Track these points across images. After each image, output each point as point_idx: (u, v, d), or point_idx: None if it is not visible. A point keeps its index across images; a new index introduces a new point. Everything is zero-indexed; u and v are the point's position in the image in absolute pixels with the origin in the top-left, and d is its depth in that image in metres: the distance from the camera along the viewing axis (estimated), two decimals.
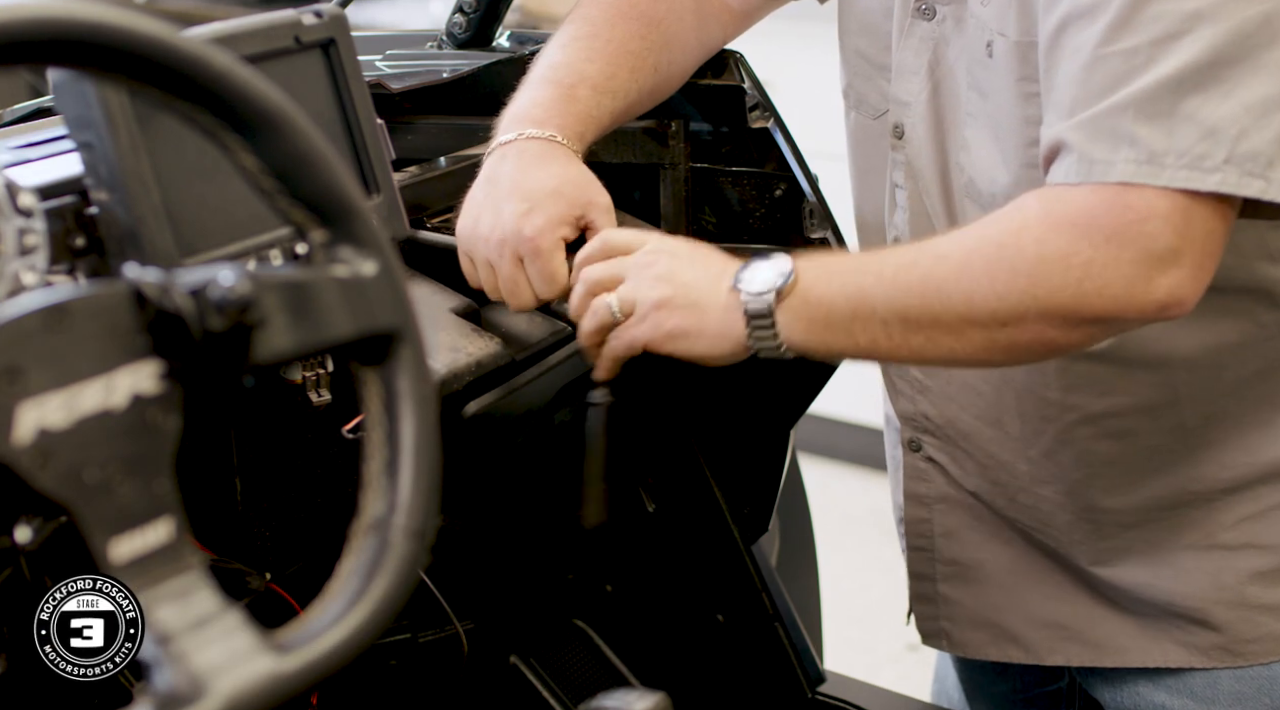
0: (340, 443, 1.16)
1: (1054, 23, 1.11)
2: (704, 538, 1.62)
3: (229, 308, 0.74)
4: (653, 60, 1.38)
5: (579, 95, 1.30)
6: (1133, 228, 1.06)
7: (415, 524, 0.80)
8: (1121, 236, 1.06)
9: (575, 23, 1.38)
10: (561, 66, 1.33)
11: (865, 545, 3.33)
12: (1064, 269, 1.07)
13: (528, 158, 1.25)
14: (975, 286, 1.09)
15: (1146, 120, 1.06)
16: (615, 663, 1.69)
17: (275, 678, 0.72)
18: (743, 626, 1.64)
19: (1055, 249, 1.07)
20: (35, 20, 0.72)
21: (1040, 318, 1.09)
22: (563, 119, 1.28)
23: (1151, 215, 1.06)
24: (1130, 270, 1.06)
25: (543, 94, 1.30)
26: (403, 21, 3.76)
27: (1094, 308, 1.08)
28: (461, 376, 1.22)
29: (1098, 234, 1.06)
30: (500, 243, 1.21)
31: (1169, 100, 1.06)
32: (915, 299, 1.11)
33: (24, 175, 1.01)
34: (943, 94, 1.29)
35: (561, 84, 1.31)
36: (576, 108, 1.29)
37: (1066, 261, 1.07)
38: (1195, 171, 1.05)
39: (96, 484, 0.72)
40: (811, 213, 1.48)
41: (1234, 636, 1.32)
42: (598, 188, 1.25)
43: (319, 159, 0.82)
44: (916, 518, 1.47)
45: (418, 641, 1.50)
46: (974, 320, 1.11)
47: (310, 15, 1.17)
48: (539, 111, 1.28)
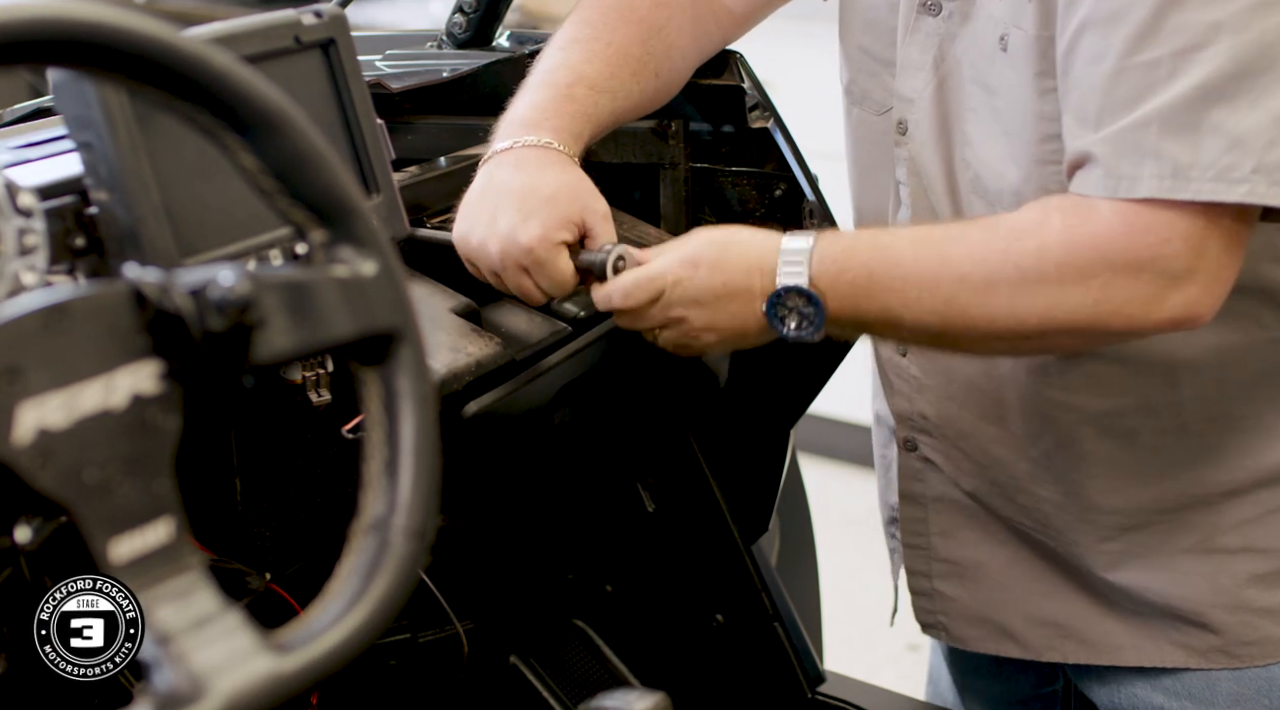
0: (340, 443, 1.16)
1: (1075, 24, 1.11)
2: (704, 538, 1.61)
3: (229, 308, 0.74)
4: (654, 66, 1.38)
5: (576, 94, 1.30)
6: (1152, 250, 1.08)
7: (415, 524, 0.80)
8: (1140, 259, 1.08)
9: (574, 25, 1.38)
10: (559, 68, 1.33)
11: (865, 545, 3.33)
12: (1083, 291, 1.09)
13: (523, 166, 1.25)
14: (997, 309, 1.12)
15: (1172, 134, 1.06)
16: (615, 663, 1.69)
17: (275, 678, 0.72)
18: (743, 626, 1.64)
19: (1075, 271, 1.09)
20: (35, 20, 0.72)
21: (1059, 333, 1.13)
22: (558, 121, 1.28)
23: (1172, 236, 1.07)
24: (1147, 290, 1.08)
25: (539, 97, 1.30)
26: (403, 21, 3.76)
27: (1110, 325, 1.11)
28: (461, 376, 1.22)
29: (1117, 257, 1.08)
30: (501, 254, 1.21)
31: (1194, 113, 1.06)
32: (938, 319, 1.14)
33: (24, 175, 1.01)
34: (948, 89, 1.29)
35: (558, 85, 1.31)
36: (572, 107, 1.29)
37: (1085, 284, 1.09)
38: (1222, 183, 1.06)
39: (96, 484, 0.72)
40: (811, 212, 1.48)
41: (1232, 639, 1.32)
42: (594, 193, 1.25)
43: (319, 159, 0.82)
44: (912, 517, 1.48)
45: (418, 641, 1.50)
46: (996, 335, 1.15)
47: (310, 15, 1.17)
48: (535, 114, 1.28)
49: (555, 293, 1.23)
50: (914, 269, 1.15)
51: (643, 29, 1.38)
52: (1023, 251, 1.11)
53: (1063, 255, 1.10)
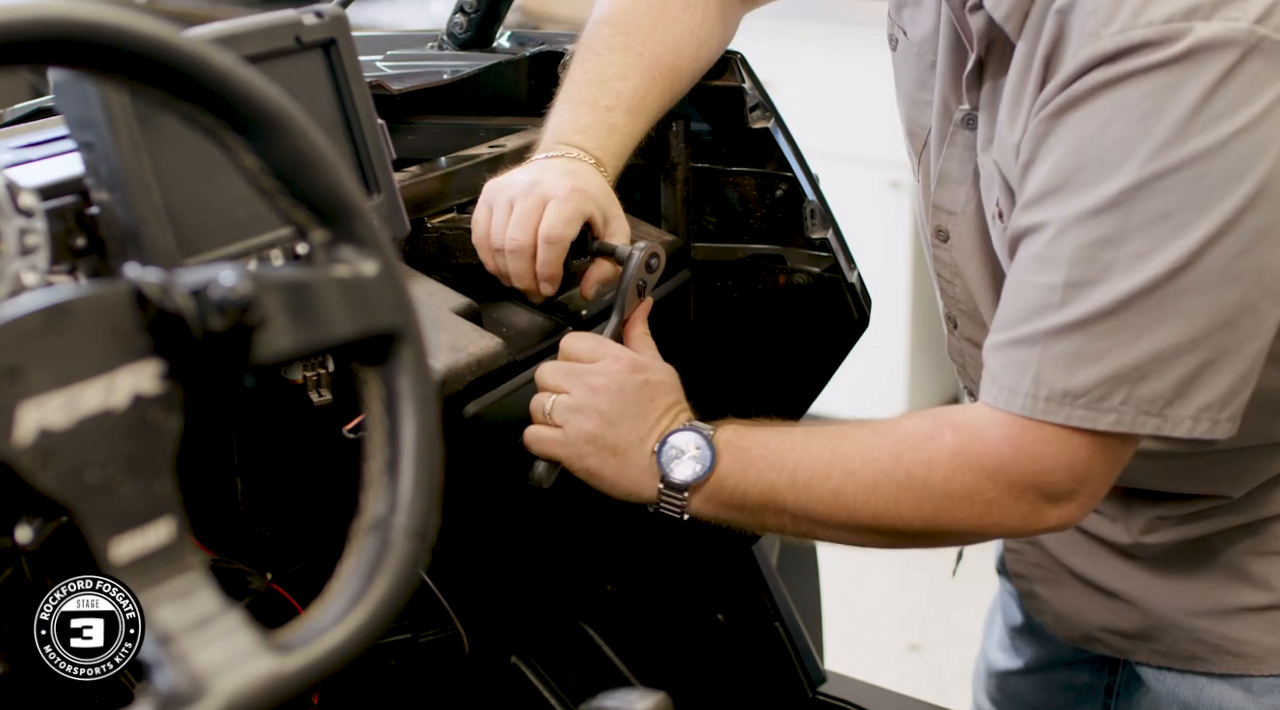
0: (341, 443, 1.16)
1: (1013, 231, 1.14)
2: (704, 538, 1.61)
3: (230, 308, 0.74)
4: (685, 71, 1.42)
5: (616, 124, 1.34)
6: (1036, 478, 1.12)
7: (416, 524, 0.80)
8: (1025, 482, 1.12)
9: (609, 28, 1.40)
10: (595, 85, 1.36)
11: None
12: (968, 506, 1.14)
13: (576, 165, 1.29)
14: (882, 507, 1.16)
15: (1052, 358, 1.09)
16: (616, 663, 1.69)
17: (276, 678, 0.72)
18: (743, 626, 1.64)
19: (961, 487, 1.13)
20: (36, 20, 0.72)
21: (939, 536, 1.19)
22: (603, 152, 1.32)
23: (1056, 465, 1.12)
24: (1028, 508, 1.13)
25: (584, 120, 1.34)
26: (403, 22, 3.76)
27: (990, 533, 1.20)
28: (462, 376, 1.22)
29: (1002, 479, 1.13)
30: (532, 183, 1.25)
31: (1076, 341, 1.09)
32: (824, 507, 1.18)
33: (25, 175, 1.01)
34: None
35: (597, 107, 1.34)
36: (614, 140, 1.34)
37: (970, 500, 1.13)
38: (1092, 411, 1.09)
39: (97, 484, 0.72)
40: (812, 213, 1.48)
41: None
42: (617, 205, 1.31)
43: (320, 159, 0.82)
44: None
45: (418, 641, 1.50)
46: (878, 531, 1.19)
47: (311, 15, 1.17)
48: (580, 138, 1.32)
49: (545, 281, 1.26)
50: (806, 454, 1.19)
51: (675, 34, 1.40)
52: (913, 460, 1.15)
53: (950, 472, 1.14)
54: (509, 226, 1.25)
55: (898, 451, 1.16)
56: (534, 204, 1.24)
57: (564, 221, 1.24)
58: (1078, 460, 1.11)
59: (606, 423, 1.21)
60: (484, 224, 1.27)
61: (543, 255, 1.24)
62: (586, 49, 1.39)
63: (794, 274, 1.50)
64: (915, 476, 1.15)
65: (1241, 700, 1.35)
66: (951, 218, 1.31)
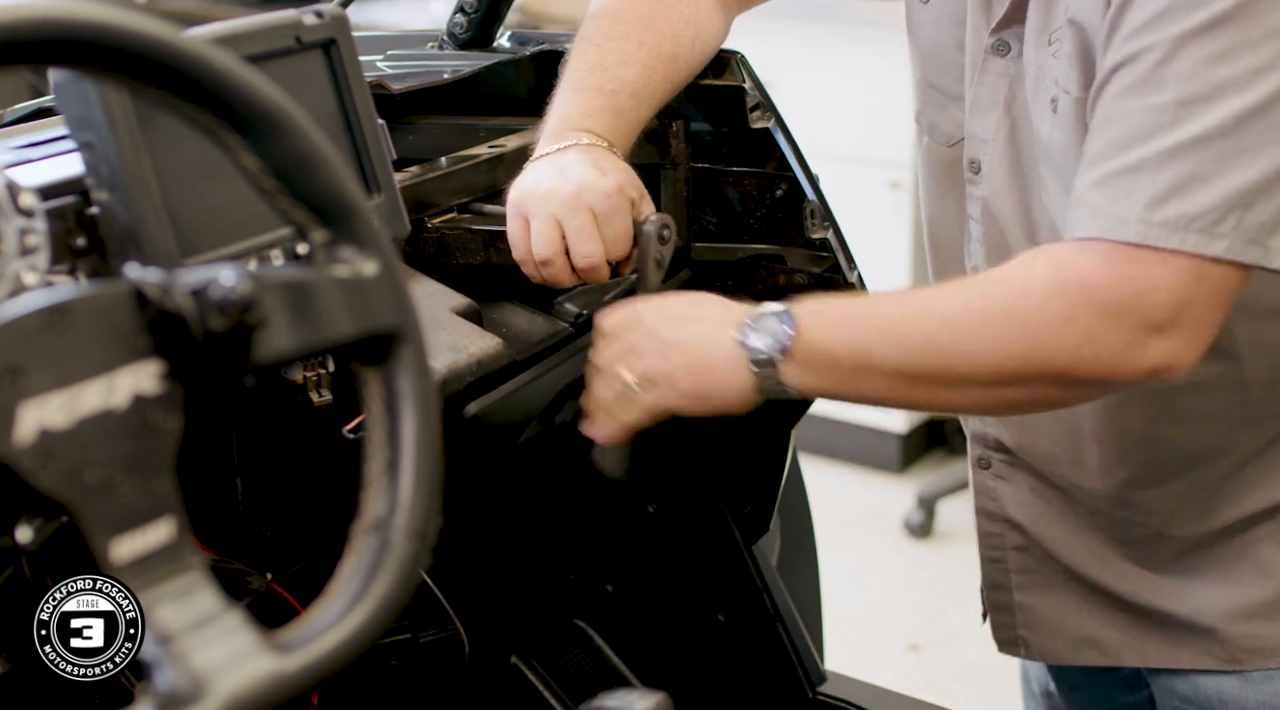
0: (341, 443, 1.16)
1: (1101, 74, 1.11)
2: (704, 538, 1.62)
3: (230, 308, 0.74)
4: (685, 59, 1.40)
5: (623, 107, 1.33)
6: (1135, 299, 1.08)
7: (416, 524, 0.80)
8: (1122, 306, 1.08)
9: (608, 20, 1.39)
10: (598, 71, 1.35)
11: (865, 545, 3.33)
12: (1062, 334, 1.09)
13: (593, 153, 1.28)
14: (978, 351, 1.12)
15: (1167, 180, 1.06)
16: (616, 663, 1.69)
17: (276, 678, 0.72)
18: (743, 626, 1.64)
19: (1056, 313, 1.09)
20: (36, 20, 0.72)
21: (1038, 378, 1.12)
22: (613, 135, 1.31)
23: (1156, 286, 1.07)
24: (1127, 337, 1.08)
25: (590, 104, 1.33)
26: (403, 21, 3.77)
27: (1088, 371, 1.11)
28: (462, 376, 1.22)
29: (1099, 301, 1.08)
30: (574, 196, 1.23)
31: (1191, 162, 1.06)
32: (919, 359, 1.14)
33: (25, 175, 1.01)
34: (1020, 131, 1.27)
35: (604, 91, 1.33)
36: (622, 122, 1.33)
37: (1066, 326, 1.09)
38: (1206, 236, 1.06)
39: (97, 484, 0.72)
40: (813, 213, 1.48)
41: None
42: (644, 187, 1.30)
43: (320, 159, 0.82)
44: (989, 531, 1.48)
45: (418, 641, 1.50)
46: (975, 379, 1.14)
47: (311, 15, 1.17)
48: (590, 122, 1.31)
49: (612, 250, 1.25)
50: (897, 312, 1.17)
51: (673, 23, 1.39)
52: (1008, 291, 1.12)
53: (1046, 295, 1.10)
54: (577, 244, 1.24)
55: (991, 289, 1.13)
56: (588, 219, 1.23)
57: (624, 235, 1.25)
58: (1181, 284, 1.07)
59: (674, 347, 1.19)
60: (523, 239, 1.26)
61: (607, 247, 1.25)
62: (585, 41, 1.39)
63: (794, 274, 1.50)
64: (1010, 307, 1.11)
65: (1237, 688, 1.35)
66: (984, 146, 1.30)
